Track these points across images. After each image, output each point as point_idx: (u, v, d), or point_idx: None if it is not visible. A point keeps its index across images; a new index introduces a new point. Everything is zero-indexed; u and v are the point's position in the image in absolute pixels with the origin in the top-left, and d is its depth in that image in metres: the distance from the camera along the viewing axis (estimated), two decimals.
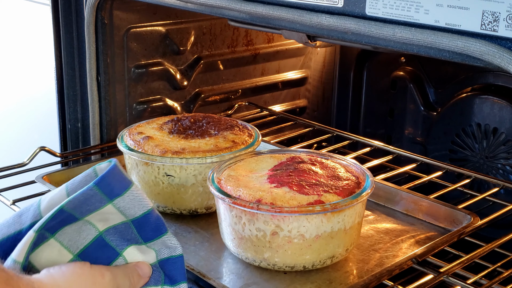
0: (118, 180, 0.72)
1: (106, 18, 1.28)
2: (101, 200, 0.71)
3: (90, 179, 0.72)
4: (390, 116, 1.62)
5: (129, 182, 0.73)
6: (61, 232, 0.71)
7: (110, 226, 0.73)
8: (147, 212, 0.74)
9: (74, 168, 1.22)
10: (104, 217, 0.73)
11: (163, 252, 0.76)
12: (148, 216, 0.74)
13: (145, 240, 0.75)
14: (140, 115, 1.39)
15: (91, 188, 0.71)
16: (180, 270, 0.76)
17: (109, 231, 0.73)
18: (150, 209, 0.75)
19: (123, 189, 0.73)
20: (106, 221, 0.73)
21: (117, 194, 0.72)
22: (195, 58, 1.46)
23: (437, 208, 1.07)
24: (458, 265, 0.90)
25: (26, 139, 1.59)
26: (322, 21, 0.84)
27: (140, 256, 0.74)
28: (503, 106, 1.36)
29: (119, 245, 0.73)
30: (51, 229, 0.70)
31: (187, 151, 1.06)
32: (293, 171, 0.97)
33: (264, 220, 0.88)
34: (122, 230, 0.74)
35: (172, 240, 0.76)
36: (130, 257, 0.74)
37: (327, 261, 0.92)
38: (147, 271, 0.73)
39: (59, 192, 0.73)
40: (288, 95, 1.67)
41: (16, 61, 1.60)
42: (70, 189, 0.73)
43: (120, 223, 0.74)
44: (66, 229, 0.71)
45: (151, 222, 0.75)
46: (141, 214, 0.74)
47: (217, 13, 1.01)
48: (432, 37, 0.73)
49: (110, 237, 0.73)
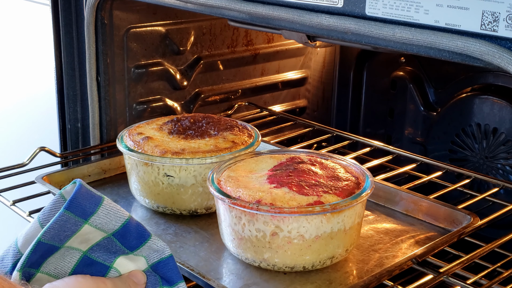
0: (87, 199, 0.72)
1: (106, 18, 1.28)
2: (76, 223, 0.71)
3: (60, 205, 0.72)
4: (390, 116, 1.62)
5: (99, 198, 0.73)
6: (45, 264, 0.71)
7: (92, 244, 0.73)
8: (126, 223, 0.74)
9: (74, 168, 1.22)
10: (84, 238, 0.72)
11: (153, 256, 0.76)
12: (127, 226, 0.74)
13: (131, 249, 0.75)
14: (140, 115, 1.39)
15: (62, 214, 0.70)
16: (174, 270, 0.76)
17: (93, 249, 0.73)
18: (128, 219, 0.74)
19: (95, 206, 0.72)
20: (87, 242, 0.73)
21: (90, 213, 0.72)
22: (195, 58, 1.46)
23: (437, 208, 1.07)
24: (458, 265, 0.90)
25: (26, 139, 1.59)
26: (322, 21, 0.84)
27: (131, 265, 0.74)
28: (503, 106, 1.35)
29: (107, 259, 0.73)
30: (34, 264, 0.70)
31: (187, 151, 1.06)
32: (293, 171, 0.97)
33: (264, 220, 0.88)
34: (106, 244, 0.74)
35: (158, 243, 0.76)
36: (122, 268, 0.74)
37: (327, 261, 0.92)
38: (142, 278, 0.75)
39: (32, 225, 0.73)
40: (288, 95, 1.67)
41: (16, 61, 1.60)
42: (43, 219, 0.72)
43: (102, 239, 0.73)
44: (49, 260, 0.71)
45: (132, 231, 0.74)
46: (120, 225, 0.74)
47: (217, 13, 1.01)
48: (432, 37, 0.73)
49: (95, 254, 0.73)
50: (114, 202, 0.75)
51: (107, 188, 1.21)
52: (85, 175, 1.23)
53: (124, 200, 1.16)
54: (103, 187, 1.22)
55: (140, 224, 0.75)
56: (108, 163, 1.26)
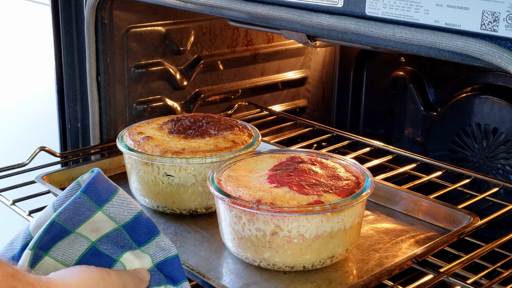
0: (104, 186, 0.73)
1: (106, 18, 1.28)
2: (90, 208, 0.72)
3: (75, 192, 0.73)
4: (390, 116, 1.62)
5: (115, 187, 0.74)
6: (54, 248, 0.71)
7: (102, 235, 0.74)
8: (137, 215, 0.75)
9: (74, 168, 1.22)
10: (95, 227, 0.73)
11: (159, 255, 0.76)
12: (138, 219, 0.75)
13: (139, 244, 0.76)
14: (140, 115, 1.39)
15: (79, 197, 0.71)
16: (179, 269, 0.77)
17: (101, 240, 0.74)
18: (140, 212, 0.75)
19: (110, 194, 0.73)
20: (97, 231, 0.74)
21: (105, 199, 0.73)
22: (195, 58, 1.46)
23: (437, 208, 1.07)
24: (458, 265, 0.90)
25: (26, 139, 1.59)
26: (322, 21, 0.84)
27: (137, 262, 0.75)
28: (503, 106, 1.36)
29: (114, 253, 0.74)
30: (44, 246, 0.71)
31: (187, 151, 1.06)
32: (293, 171, 0.97)
33: (264, 220, 0.88)
34: (115, 237, 0.74)
35: (165, 241, 0.77)
36: (128, 263, 0.75)
37: (327, 261, 0.92)
38: (146, 276, 0.75)
39: (46, 211, 0.74)
40: (288, 95, 1.67)
41: (16, 61, 1.60)
42: (57, 205, 0.73)
43: (112, 230, 0.74)
44: (59, 245, 0.72)
45: (142, 225, 0.75)
46: (131, 218, 0.75)
47: (217, 13, 1.01)
48: (432, 37, 0.73)
49: (103, 246, 0.74)
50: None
51: None
52: None
53: None
54: None
55: (150, 220, 0.76)
56: (108, 163, 1.26)
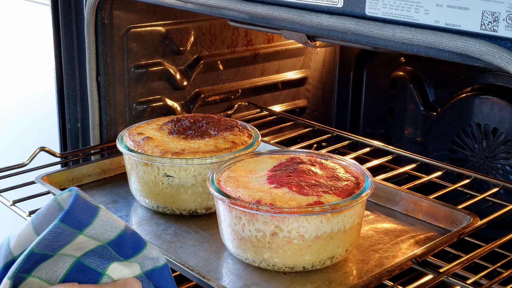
0: (84, 210, 0.71)
1: (106, 18, 1.28)
2: (71, 234, 0.70)
3: (54, 211, 0.71)
4: (390, 116, 1.62)
5: (95, 208, 0.72)
6: (37, 269, 0.69)
7: (87, 250, 0.72)
8: (121, 233, 0.73)
9: (74, 168, 1.22)
10: (78, 246, 0.71)
11: (147, 263, 0.74)
12: (123, 237, 0.73)
13: (125, 258, 0.74)
14: (140, 115, 1.39)
15: (57, 226, 0.69)
16: (168, 279, 0.75)
17: (86, 254, 0.71)
18: (124, 229, 0.73)
19: (91, 217, 0.71)
20: (81, 249, 0.71)
21: (86, 224, 0.71)
22: (195, 58, 1.46)
23: (437, 208, 1.07)
24: (458, 265, 0.90)
25: (26, 139, 1.59)
26: (322, 21, 0.84)
27: (125, 270, 0.73)
28: (503, 106, 1.35)
29: (100, 266, 0.71)
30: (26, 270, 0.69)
31: (186, 151, 1.06)
32: (293, 171, 0.97)
33: (264, 220, 0.88)
34: (100, 251, 0.72)
35: (153, 252, 0.74)
36: (115, 274, 0.72)
37: (327, 261, 0.92)
38: (137, 286, 0.72)
39: (25, 228, 0.71)
40: (288, 95, 1.67)
41: (16, 61, 1.60)
42: (36, 223, 0.71)
43: (97, 246, 0.72)
44: (42, 265, 0.70)
45: (128, 241, 0.73)
46: (116, 236, 0.73)
47: (217, 13, 1.01)
48: (432, 37, 0.73)
49: (88, 260, 0.71)
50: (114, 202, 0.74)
51: (107, 188, 1.21)
52: (85, 175, 1.23)
53: (124, 200, 1.16)
54: (103, 187, 1.22)
55: (135, 234, 0.74)
56: (108, 163, 1.26)
